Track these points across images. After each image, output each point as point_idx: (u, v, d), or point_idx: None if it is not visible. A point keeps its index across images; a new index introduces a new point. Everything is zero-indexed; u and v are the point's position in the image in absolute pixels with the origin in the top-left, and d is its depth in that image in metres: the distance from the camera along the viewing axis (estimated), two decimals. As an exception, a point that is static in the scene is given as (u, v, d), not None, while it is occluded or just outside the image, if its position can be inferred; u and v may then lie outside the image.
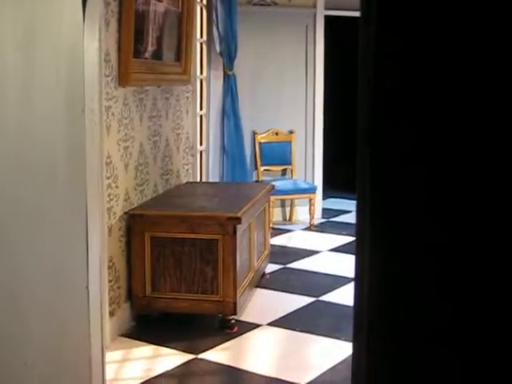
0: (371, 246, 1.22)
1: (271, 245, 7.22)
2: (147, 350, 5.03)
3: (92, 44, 3.73)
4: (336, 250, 7.89)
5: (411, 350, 1.23)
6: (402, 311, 1.21)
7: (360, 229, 1.24)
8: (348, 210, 10.02)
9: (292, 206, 9.27)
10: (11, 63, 2.91)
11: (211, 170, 8.39)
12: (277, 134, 9.15)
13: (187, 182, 7.06)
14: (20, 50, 2.97)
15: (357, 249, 1.26)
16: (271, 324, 5.54)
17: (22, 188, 3.01)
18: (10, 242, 2.94)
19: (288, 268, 7.15)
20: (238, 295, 5.35)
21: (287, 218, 9.34)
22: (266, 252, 6.78)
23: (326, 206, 9.85)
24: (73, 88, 3.50)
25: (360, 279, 1.26)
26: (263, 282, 6.58)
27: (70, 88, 3.46)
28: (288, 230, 8.82)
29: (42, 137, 3.17)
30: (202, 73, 8.07)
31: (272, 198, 7.70)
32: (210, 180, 8.31)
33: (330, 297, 6.22)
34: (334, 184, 10.86)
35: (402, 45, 1.16)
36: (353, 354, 1.38)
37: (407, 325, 1.21)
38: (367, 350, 1.27)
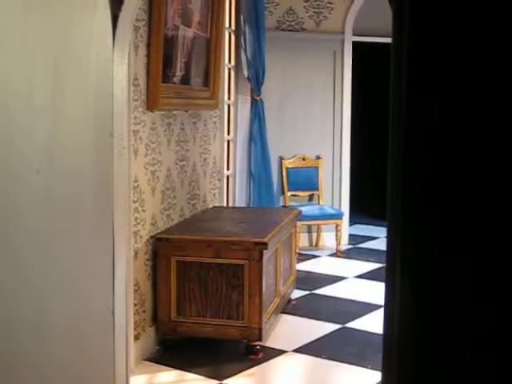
0: (402, 272, 1.20)
1: (297, 270, 7.18)
2: (171, 375, 5.00)
3: (121, 69, 3.76)
4: (362, 276, 7.83)
5: (443, 378, 1.20)
6: (434, 338, 1.19)
7: (391, 255, 1.22)
8: (375, 236, 9.95)
9: (318, 231, 9.23)
10: (40, 88, 2.93)
11: (238, 195, 8.38)
12: (304, 159, 9.14)
13: (214, 207, 7.06)
14: (49, 75, 2.99)
15: (387, 275, 1.24)
16: (297, 351, 5.48)
17: (51, 211, 3.02)
18: (37, 265, 2.94)
19: (314, 294, 7.10)
20: (264, 321, 5.31)
21: (314, 244, 9.30)
22: (292, 278, 6.74)
23: (352, 232, 9.80)
24: (102, 113, 3.51)
25: (390, 306, 1.24)
26: (289, 307, 6.53)
27: (99, 113, 3.48)
28: (314, 256, 8.77)
29: (71, 162, 3.18)
30: (229, 98, 8.09)
31: (298, 223, 7.66)
32: (237, 205, 8.30)
33: (357, 324, 6.15)
34: (360, 210, 10.80)
35: (435, 70, 1.15)
36: (382, 382, 1.35)
37: (439, 352, 1.18)
38: (397, 378, 1.24)
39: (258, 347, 5.36)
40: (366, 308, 6.55)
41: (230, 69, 8.08)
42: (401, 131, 1.18)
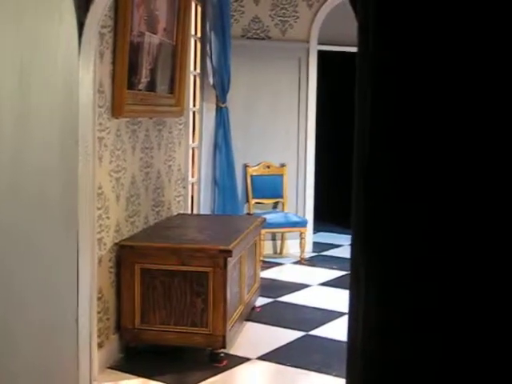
0: (366, 281, 1.22)
1: (262, 278, 7.19)
2: (135, 383, 4.97)
3: (87, 75, 3.75)
4: (326, 284, 7.86)
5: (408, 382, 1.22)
6: (397, 346, 1.20)
7: (355, 264, 1.23)
8: (338, 244, 10.00)
9: (283, 239, 9.25)
10: (7, 94, 2.91)
11: (202, 203, 8.37)
12: (268, 167, 9.15)
13: (178, 214, 7.04)
14: (16, 81, 2.97)
15: (351, 285, 1.25)
16: (261, 358, 5.49)
17: (15, 218, 3.00)
18: (2, 271, 2.91)
19: (278, 301, 7.11)
20: (228, 328, 5.31)
21: (278, 252, 9.31)
22: (257, 285, 6.75)
23: (316, 240, 9.83)
24: (67, 119, 3.50)
25: (355, 315, 1.25)
26: (253, 315, 6.53)
27: (64, 119, 3.47)
28: (278, 264, 8.78)
29: (36, 167, 3.16)
30: (194, 105, 8.08)
31: (263, 231, 7.67)
32: (202, 212, 8.29)
33: (321, 331, 6.18)
34: (324, 218, 10.84)
35: (400, 79, 1.16)
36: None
37: (402, 360, 1.20)
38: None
39: (222, 355, 5.35)
40: (330, 315, 6.58)
41: (195, 76, 8.08)
42: (365, 142, 1.20)
